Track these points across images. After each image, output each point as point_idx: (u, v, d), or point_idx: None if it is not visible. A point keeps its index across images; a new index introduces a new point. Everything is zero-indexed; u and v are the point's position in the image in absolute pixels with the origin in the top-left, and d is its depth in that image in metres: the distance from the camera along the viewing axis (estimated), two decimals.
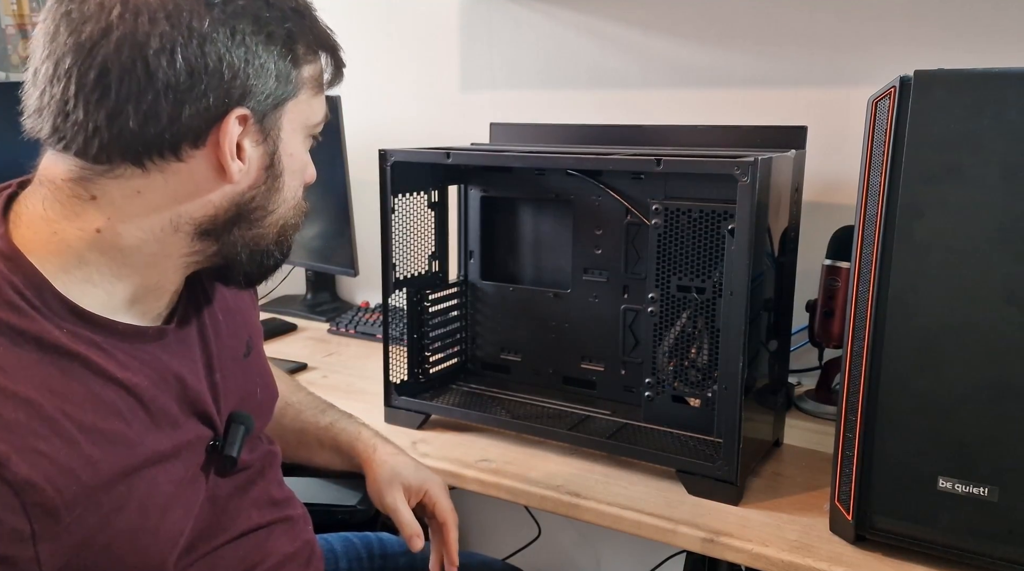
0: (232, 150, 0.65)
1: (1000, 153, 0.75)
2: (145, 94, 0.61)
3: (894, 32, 1.27)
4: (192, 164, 0.65)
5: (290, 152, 0.70)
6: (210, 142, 0.64)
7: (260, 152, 0.68)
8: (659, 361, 1.05)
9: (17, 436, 0.57)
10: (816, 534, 0.89)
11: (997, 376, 0.77)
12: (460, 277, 1.29)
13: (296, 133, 0.71)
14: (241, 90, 0.64)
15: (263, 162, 0.68)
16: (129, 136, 0.62)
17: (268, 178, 0.69)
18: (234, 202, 0.68)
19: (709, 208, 0.98)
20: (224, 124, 0.64)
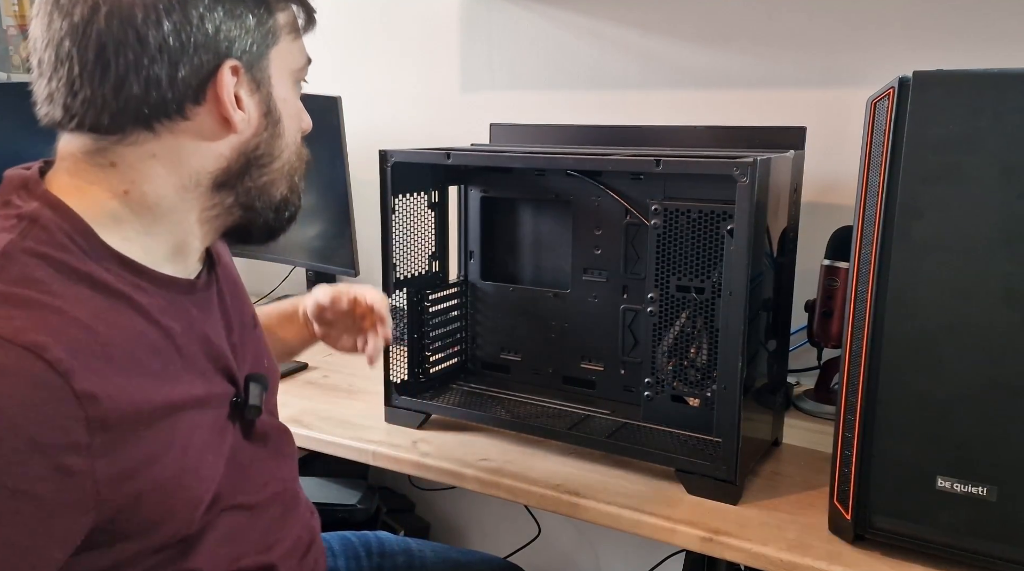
0: (231, 101, 0.69)
1: (999, 153, 0.75)
2: (142, 61, 0.65)
3: (893, 33, 1.27)
4: (198, 121, 0.69)
5: (283, 97, 0.74)
6: (210, 97, 0.69)
7: (256, 100, 0.72)
8: (658, 361, 1.05)
9: (80, 353, 0.59)
10: (815, 533, 0.89)
11: (995, 376, 0.77)
12: (460, 277, 1.29)
13: (284, 79, 0.75)
14: (227, 43, 0.68)
15: (261, 109, 0.72)
16: (136, 103, 0.66)
17: (268, 124, 0.73)
18: (242, 152, 0.72)
19: (708, 208, 0.99)
20: (219, 77, 0.68)
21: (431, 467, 1.07)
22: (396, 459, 1.09)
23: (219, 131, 0.71)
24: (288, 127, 0.76)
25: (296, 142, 0.78)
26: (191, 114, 0.69)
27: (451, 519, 1.85)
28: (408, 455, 1.09)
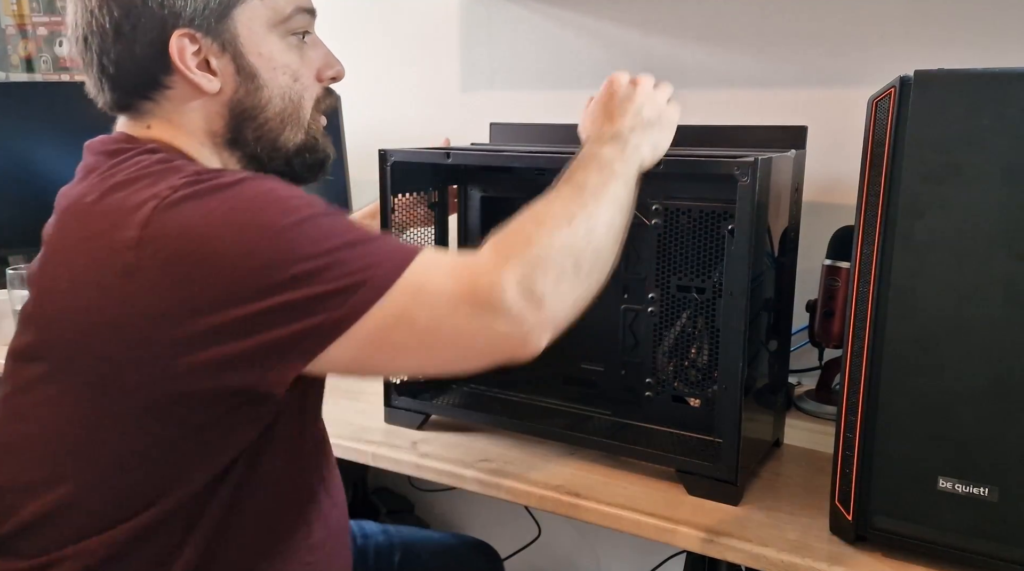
0: (190, 66, 0.76)
1: (1000, 153, 0.75)
2: (107, 45, 0.76)
3: (894, 32, 1.27)
4: (178, 88, 0.78)
5: (258, 52, 0.79)
6: (174, 66, 0.76)
7: (225, 61, 0.78)
8: (659, 361, 1.05)
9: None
10: (816, 534, 0.89)
11: (997, 376, 0.77)
12: None
13: (261, 34, 0.79)
14: (173, 15, 0.75)
15: (231, 68, 0.79)
16: (120, 82, 0.78)
17: (244, 80, 0.79)
18: (229, 108, 0.80)
19: (709, 208, 0.98)
20: (171, 48, 0.75)
21: (431, 468, 1.06)
22: (396, 460, 1.09)
23: (198, 94, 0.78)
24: (270, 79, 0.80)
25: (287, 90, 0.82)
26: (169, 83, 0.78)
27: (451, 520, 1.85)
28: (408, 456, 1.08)
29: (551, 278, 0.73)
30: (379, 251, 0.70)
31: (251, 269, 0.66)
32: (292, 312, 0.66)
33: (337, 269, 0.67)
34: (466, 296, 0.69)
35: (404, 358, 0.72)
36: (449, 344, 0.71)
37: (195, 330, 0.66)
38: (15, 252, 1.79)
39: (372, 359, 0.71)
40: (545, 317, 0.72)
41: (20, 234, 1.72)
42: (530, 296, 0.71)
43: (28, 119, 1.67)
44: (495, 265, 0.71)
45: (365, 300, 0.67)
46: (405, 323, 0.69)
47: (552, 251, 0.74)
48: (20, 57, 2.25)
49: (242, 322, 0.66)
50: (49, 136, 1.68)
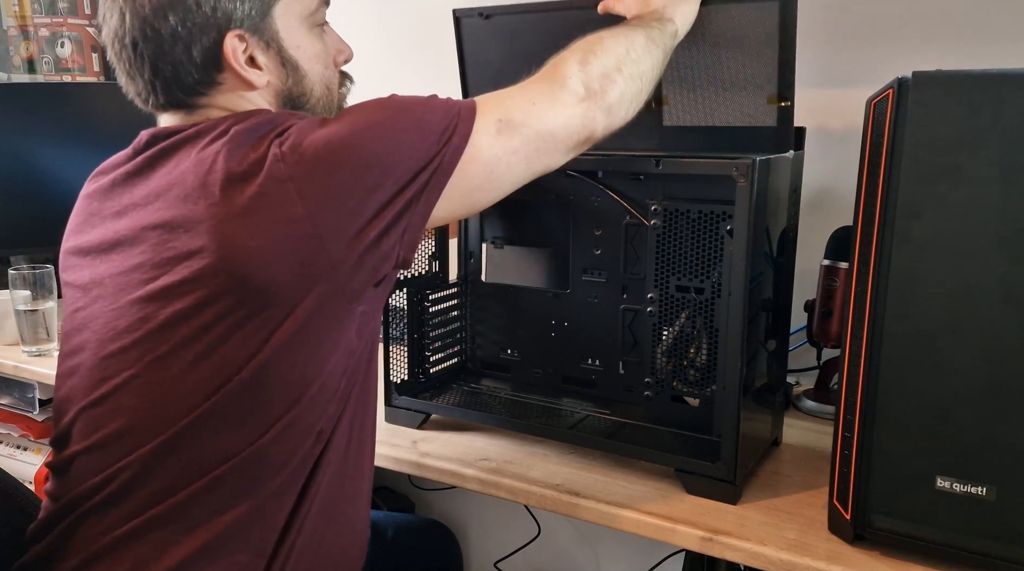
0: (242, 63, 0.83)
1: (998, 154, 0.75)
2: (163, 49, 0.81)
3: (892, 33, 1.27)
4: (229, 83, 0.85)
5: (296, 45, 0.87)
6: (227, 64, 0.83)
7: (270, 55, 0.86)
8: (658, 361, 1.05)
9: None
10: (814, 533, 0.89)
11: (995, 376, 0.78)
12: (460, 277, 1.29)
13: (296, 28, 0.87)
14: (226, 18, 0.81)
15: (277, 62, 0.86)
16: (178, 83, 0.83)
17: (289, 71, 0.87)
18: (279, 97, 0.88)
19: (708, 209, 0.99)
20: (225, 48, 0.82)
21: (431, 467, 1.07)
22: (396, 459, 1.09)
23: (249, 87, 0.85)
24: (310, 68, 0.89)
25: (323, 77, 0.91)
26: (222, 79, 0.84)
27: (451, 519, 1.85)
28: (408, 455, 1.09)
29: (600, 69, 0.88)
30: (451, 101, 0.83)
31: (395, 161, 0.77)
32: (420, 169, 0.78)
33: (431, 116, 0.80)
34: (537, 94, 0.86)
35: (515, 160, 0.84)
36: (539, 140, 0.85)
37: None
38: (16, 252, 1.80)
39: (493, 174, 0.84)
40: (605, 100, 0.88)
41: (21, 234, 1.72)
42: (587, 79, 0.87)
43: (30, 120, 1.67)
44: (551, 71, 0.88)
45: (465, 126, 0.81)
46: (504, 130, 0.83)
47: (599, 53, 0.89)
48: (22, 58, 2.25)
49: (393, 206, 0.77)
50: (51, 137, 1.68)
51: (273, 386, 0.77)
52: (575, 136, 0.87)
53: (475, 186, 0.83)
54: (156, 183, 0.81)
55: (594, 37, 0.91)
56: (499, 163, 0.83)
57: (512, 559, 1.76)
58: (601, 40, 0.90)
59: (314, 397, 0.80)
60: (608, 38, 0.91)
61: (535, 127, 0.84)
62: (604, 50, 0.89)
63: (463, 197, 0.83)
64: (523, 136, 0.84)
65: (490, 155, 0.82)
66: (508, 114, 0.83)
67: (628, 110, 0.91)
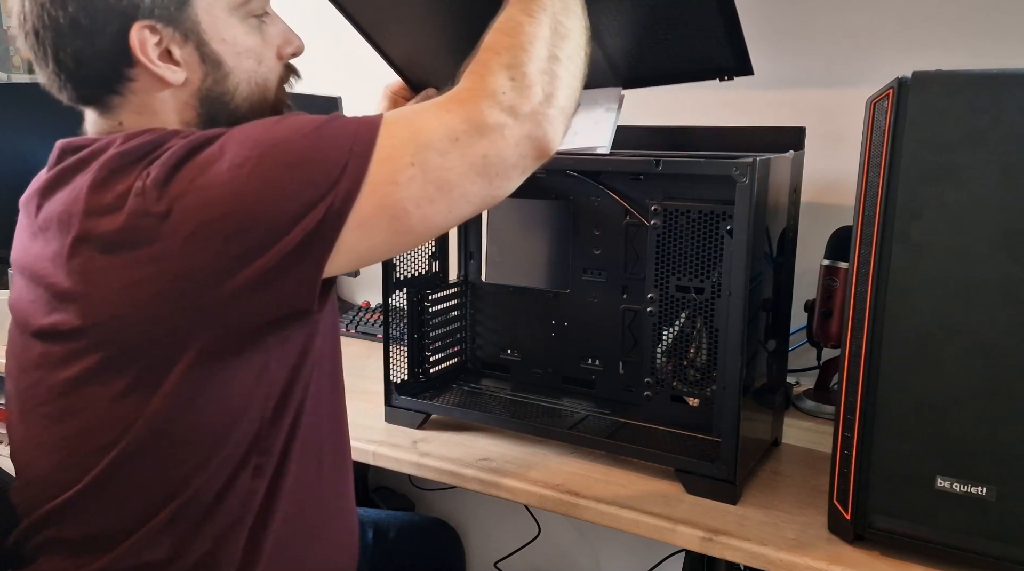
0: (153, 58, 0.75)
1: (998, 154, 0.75)
2: (63, 40, 0.73)
3: (892, 33, 1.27)
4: (143, 80, 0.76)
5: (222, 38, 0.78)
6: (136, 59, 0.74)
7: (188, 50, 0.76)
8: (658, 361, 1.05)
9: None
10: (814, 533, 0.89)
11: (995, 376, 0.78)
12: (460, 277, 1.29)
13: (223, 20, 0.77)
14: (133, 6, 0.73)
15: (196, 57, 0.77)
16: (81, 77, 0.75)
17: (210, 69, 0.78)
18: (198, 97, 0.79)
19: (708, 209, 0.99)
20: (131, 41, 0.73)
21: (431, 467, 1.07)
22: (396, 459, 1.09)
23: (164, 85, 0.76)
24: (236, 65, 0.79)
25: (254, 75, 0.81)
26: (133, 75, 0.76)
27: (451, 519, 1.85)
28: (408, 455, 1.09)
29: (536, 69, 0.74)
30: (348, 126, 0.71)
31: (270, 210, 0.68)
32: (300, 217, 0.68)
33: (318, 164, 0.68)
34: (462, 124, 0.71)
35: (430, 208, 0.71)
36: (473, 175, 0.72)
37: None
38: None
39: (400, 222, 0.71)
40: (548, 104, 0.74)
41: None
42: (525, 91, 0.72)
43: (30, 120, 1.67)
44: (476, 83, 0.72)
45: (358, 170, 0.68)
46: (415, 173, 0.70)
47: (528, 48, 0.74)
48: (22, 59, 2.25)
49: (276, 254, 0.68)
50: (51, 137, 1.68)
51: (174, 438, 0.73)
52: (521, 164, 0.75)
53: (387, 234, 0.71)
54: (52, 208, 0.74)
55: (508, 24, 0.76)
56: (412, 215, 0.71)
57: (512, 559, 1.75)
58: (519, 26, 0.75)
59: (230, 439, 0.75)
60: (525, 20, 0.75)
61: (460, 172, 0.71)
62: (529, 39, 0.74)
63: (373, 244, 0.72)
64: (446, 184, 0.71)
65: (398, 207, 0.70)
66: (424, 158, 0.70)
67: (576, 96, 0.80)
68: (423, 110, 0.73)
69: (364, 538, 1.19)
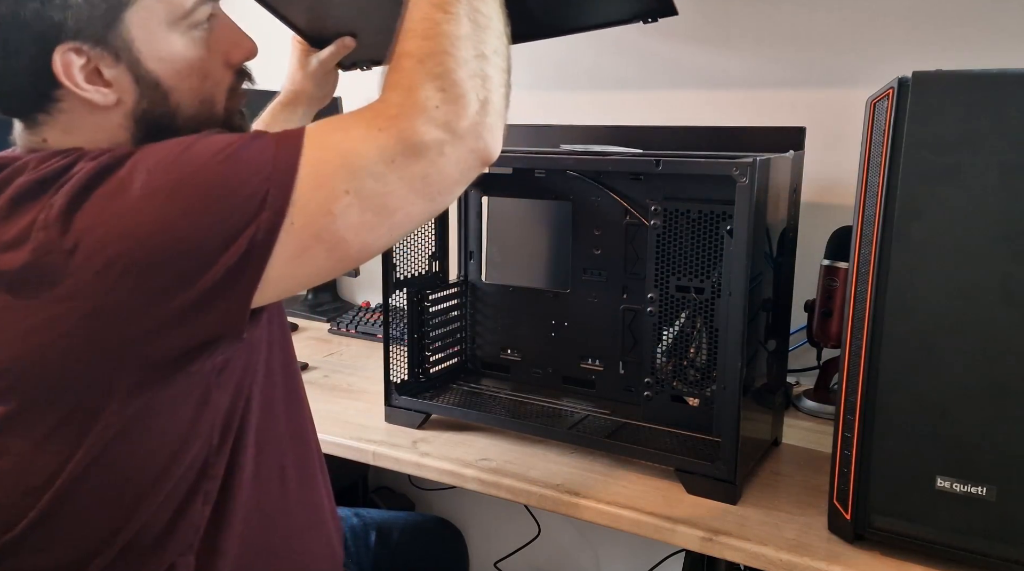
0: (78, 82, 0.69)
1: (998, 154, 0.75)
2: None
3: (892, 33, 1.28)
4: (71, 102, 0.70)
5: (159, 56, 0.71)
6: (61, 82, 0.68)
7: (121, 70, 0.70)
8: (658, 361, 1.05)
9: None
10: (814, 533, 0.89)
11: (995, 376, 0.78)
12: (460, 277, 1.29)
13: (161, 36, 0.71)
14: (53, 29, 0.67)
15: (129, 78, 0.70)
16: (3, 94, 0.70)
17: (145, 90, 0.71)
18: (132, 118, 0.72)
19: (708, 209, 0.99)
20: (54, 65, 0.67)
21: (431, 467, 1.07)
22: (396, 459, 1.09)
23: (95, 108, 0.70)
24: (177, 84, 0.73)
25: (198, 91, 0.74)
26: (60, 97, 0.70)
27: (451, 519, 1.85)
28: (408, 455, 1.09)
29: (466, 74, 0.67)
30: (266, 149, 0.65)
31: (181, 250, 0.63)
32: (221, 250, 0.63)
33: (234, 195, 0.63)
34: (397, 145, 0.65)
35: (370, 235, 0.67)
36: (413, 197, 0.67)
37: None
38: None
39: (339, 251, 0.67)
40: (485, 112, 0.68)
41: None
42: (458, 102, 0.66)
43: None
44: (404, 97, 0.66)
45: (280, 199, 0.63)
46: (351, 201, 0.64)
47: (451, 51, 0.67)
48: None
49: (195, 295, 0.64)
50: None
51: (115, 476, 0.69)
52: (464, 178, 0.70)
53: (325, 263, 0.67)
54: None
55: (423, 25, 0.68)
56: (352, 244, 0.67)
57: (512, 559, 1.76)
58: (435, 26, 0.68)
59: (176, 470, 0.71)
60: (441, 19, 0.68)
61: (400, 195, 0.66)
62: (451, 42, 0.67)
63: (311, 273, 0.68)
64: (386, 209, 0.66)
65: (336, 237, 0.66)
66: (359, 184, 0.65)
67: (508, 89, 0.73)
68: (351, 127, 0.66)
69: (366, 541, 1.19)
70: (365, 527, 1.20)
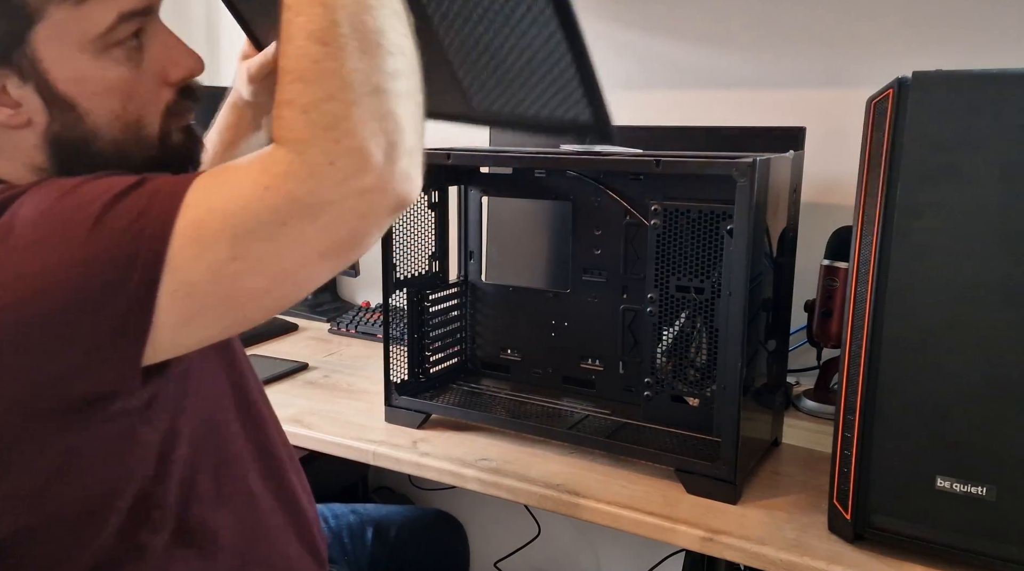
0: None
1: (998, 153, 0.75)
2: None
3: (892, 32, 1.28)
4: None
5: (72, 77, 0.66)
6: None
7: (28, 91, 0.65)
8: (658, 361, 1.05)
9: None
10: (814, 533, 0.89)
11: (995, 376, 0.78)
12: (460, 277, 1.29)
13: (74, 56, 0.65)
14: None
15: (38, 99, 0.66)
16: None
17: (58, 111, 0.67)
18: (47, 141, 0.68)
19: (708, 209, 0.99)
20: None
21: (431, 467, 1.07)
22: (396, 459, 1.09)
23: (6, 128, 0.67)
24: (95, 106, 0.67)
25: (121, 114, 0.68)
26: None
27: None
28: (408, 455, 1.09)
29: (362, 118, 0.58)
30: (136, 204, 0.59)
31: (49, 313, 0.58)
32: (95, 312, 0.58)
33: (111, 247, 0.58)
34: (290, 206, 0.57)
35: (268, 298, 0.61)
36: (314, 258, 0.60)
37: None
38: None
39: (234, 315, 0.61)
40: (392, 159, 0.59)
41: None
42: (358, 155, 0.58)
43: None
44: (294, 154, 0.58)
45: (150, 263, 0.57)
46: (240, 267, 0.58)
47: (340, 95, 0.58)
48: None
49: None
50: None
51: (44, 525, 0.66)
52: (375, 229, 0.61)
53: (219, 327, 0.63)
54: None
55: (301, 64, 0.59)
56: (247, 307, 0.61)
57: (512, 559, 1.76)
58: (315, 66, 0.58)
59: (112, 511, 0.68)
60: (321, 55, 0.58)
61: (297, 258, 0.59)
62: (339, 85, 0.58)
63: (206, 336, 0.63)
64: (283, 273, 0.60)
65: (226, 304, 0.60)
66: (246, 248, 0.58)
67: (421, 120, 0.63)
68: (239, 183, 0.58)
69: (363, 538, 1.19)
70: (362, 524, 1.20)
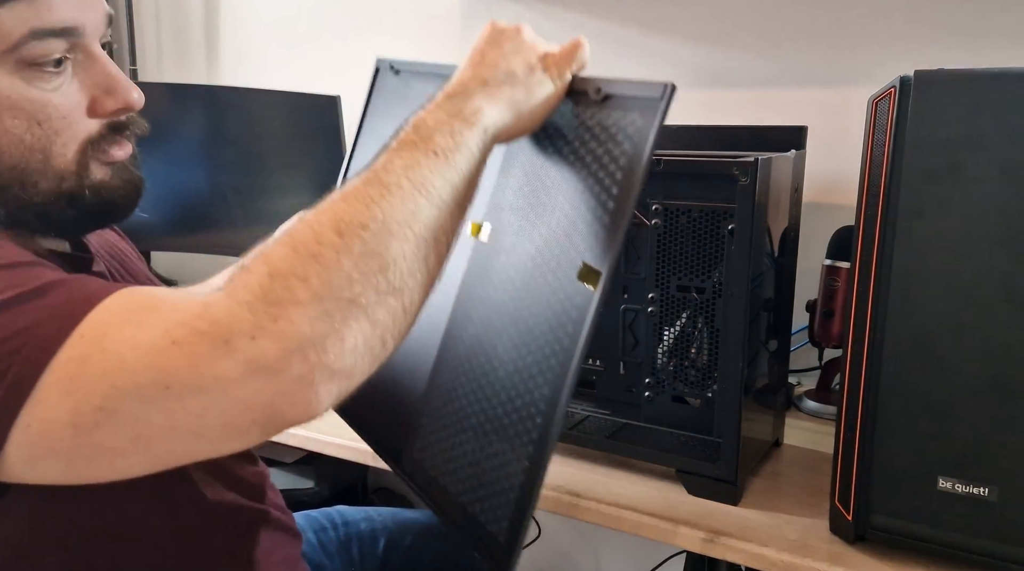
0: None
1: (1000, 153, 0.75)
2: None
3: (894, 32, 1.27)
4: None
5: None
6: None
7: None
8: (659, 361, 1.05)
9: None
10: (816, 534, 0.89)
11: (997, 376, 0.77)
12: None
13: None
14: None
15: None
16: None
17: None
18: None
19: (709, 208, 0.98)
20: None
21: None
22: None
23: None
24: (12, 129, 0.62)
25: (23, 139, 0.63)
26: None
27: None
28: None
29: (314, 313, 0.51)
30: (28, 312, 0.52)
31: None
32: None
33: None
34: (183, 369, 0.50)
35: (121, 462, 0.53)
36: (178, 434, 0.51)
37: None
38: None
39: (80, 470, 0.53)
40: (313, 369, 0.50)
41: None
42: (280, 340, 0.50)
43: None
44: (226, 311, 0.51)
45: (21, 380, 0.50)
46: (102, 419, 0.50)
47: (323, 278, 0.52)
48: None
49: None
50: None
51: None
52: (250, 434, 0.52)
53: (64, 478, 0.54)
54: None
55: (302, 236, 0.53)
56: (97, 465, 0.53)
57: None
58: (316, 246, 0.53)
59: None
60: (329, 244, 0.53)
61: (161, 428, 0.51)
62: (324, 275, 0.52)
63: (51, 481, 0.55)
64: (142, 439, 0.51)
65: (74, 454, 0.52)
66: (117, 403, 0.50)
67: (366, 371, 0.55)
68: (149, 327, 0.51)
69: (373, 548, 1.16)
70: (374, 534, 1.17)
